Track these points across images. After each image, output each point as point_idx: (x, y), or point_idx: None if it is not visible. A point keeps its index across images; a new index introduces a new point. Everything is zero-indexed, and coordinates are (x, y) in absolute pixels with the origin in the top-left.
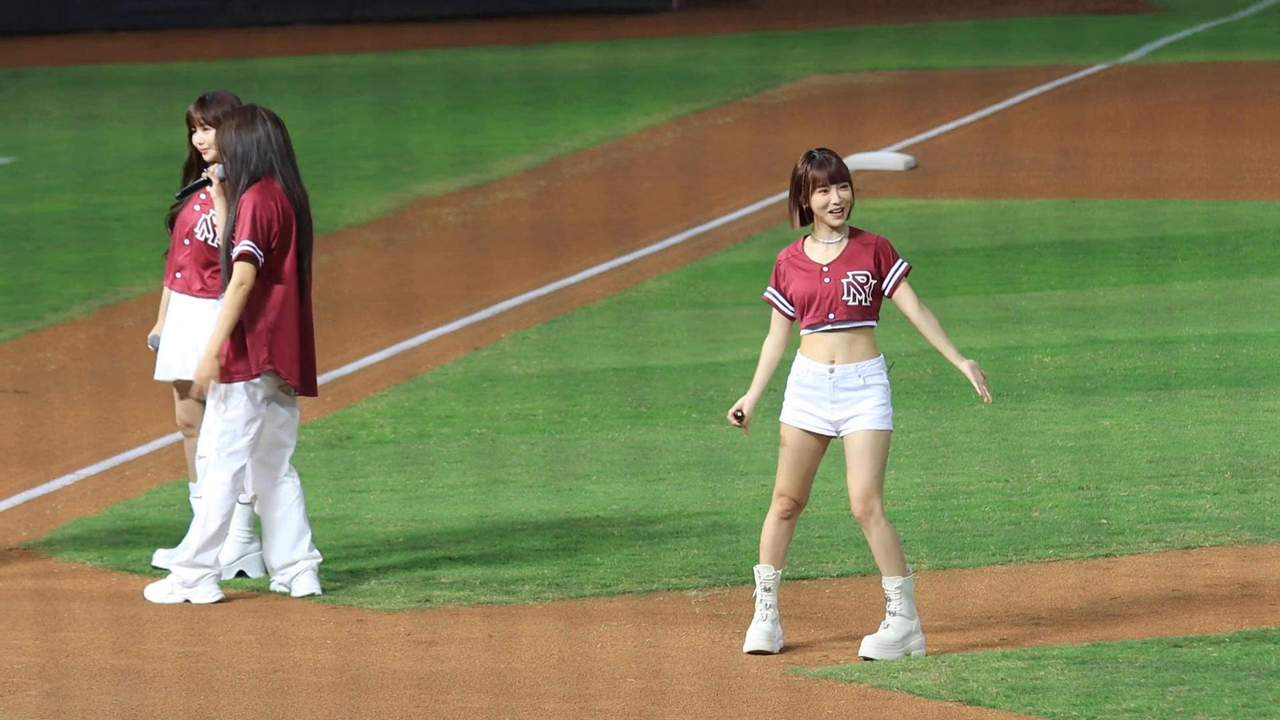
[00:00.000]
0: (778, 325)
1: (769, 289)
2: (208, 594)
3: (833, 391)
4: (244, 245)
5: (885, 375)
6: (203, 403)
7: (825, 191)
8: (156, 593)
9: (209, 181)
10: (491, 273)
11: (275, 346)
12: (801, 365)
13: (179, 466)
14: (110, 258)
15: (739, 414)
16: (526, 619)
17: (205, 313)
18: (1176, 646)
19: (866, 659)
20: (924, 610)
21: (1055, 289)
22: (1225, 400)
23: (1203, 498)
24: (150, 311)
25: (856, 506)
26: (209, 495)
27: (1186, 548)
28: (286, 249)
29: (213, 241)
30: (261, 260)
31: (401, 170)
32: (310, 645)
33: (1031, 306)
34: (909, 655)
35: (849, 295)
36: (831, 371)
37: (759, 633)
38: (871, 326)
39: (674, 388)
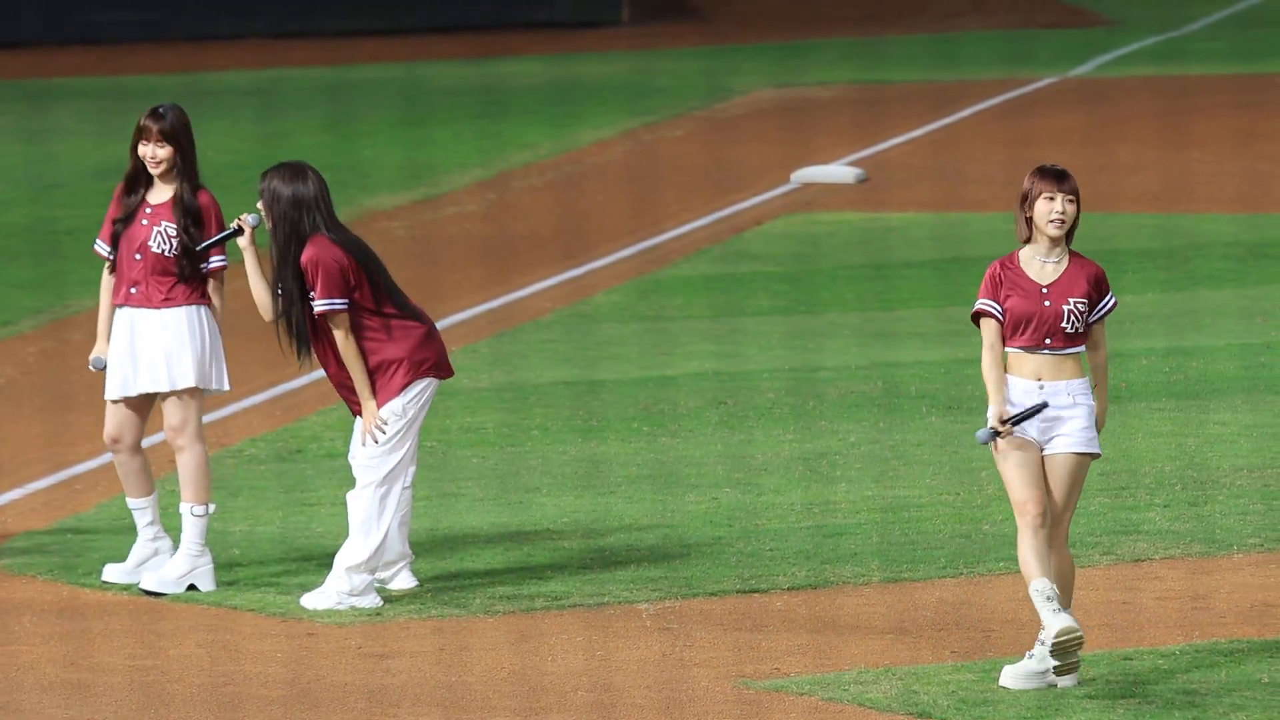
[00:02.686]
0: (997, 337)
1: (983, 301)
2: (371, 601)
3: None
4: (325, 304)
5: (1090, 396)
6: (141, 417)
7: (1050, 199)
8: (315, 601)
9: (239, 231)
10: (441, 286)
11: (417, 357)
12: (1014, 382)
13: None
14: (60, 271)
15: (1003, 421)
16: (477, 632)
17: (171, 323)
18: (1127, 659)
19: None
20: (874, 623)
21: None
22: (1175, 413)
23: (1153, 510)
24: None
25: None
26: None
27: (1137, 560)
28: (363, 288)
29: (169, 252)
30: (345, 307)
31: (352, 183)
32: (261, 659)
33: None
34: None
35: (1067, 323)
36: (1041, 388)
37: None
38: (1080, 350)
39: (624, 401)
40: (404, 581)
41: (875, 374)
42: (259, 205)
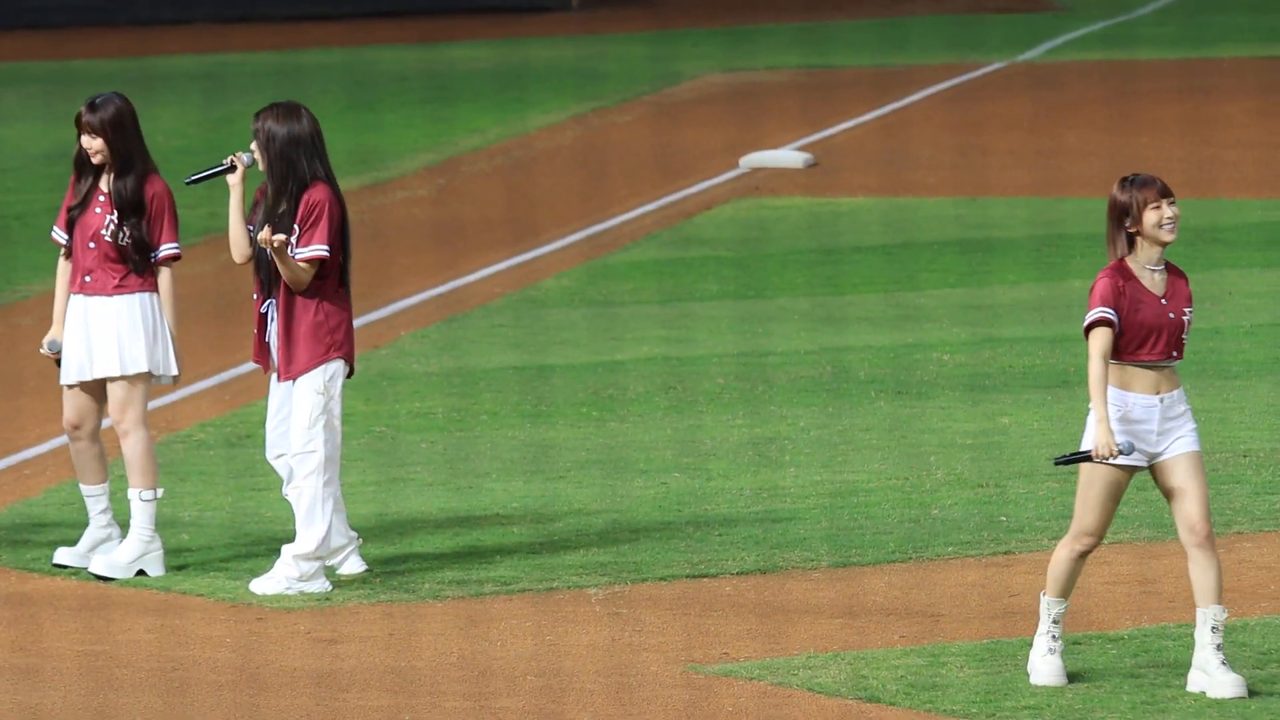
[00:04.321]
0: (1110, 347)
1: (1104, 310)
2: (320, 585)
3: (1161, 422)
4: (322, 250)
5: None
6: (99, 403)
7: (1158, 208)
8: (264, 586)
9: (232, 168)
10: (390, 271)
11: (340, 336)
12: (1125, 398)
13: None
14: (9, 256)
15: (1118, 452)
16: (426, 617)
17: (124, 310)
18: (1075, 644)
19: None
20: (823, 608)
21: (954, 287)
22: None
23: None
24: (50, 310)
25: (1199, 528)
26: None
27: None
28: (334, 250)
29: (122, 240)
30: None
31: None
32: (210, 644)
33: (930, 304)
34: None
35: (1186, 333)
36: (1161, 401)
37: (1052, 668)
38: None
39: (573, 386)
40: (353, 566)
41: (824, 359)
42: (252, 146)
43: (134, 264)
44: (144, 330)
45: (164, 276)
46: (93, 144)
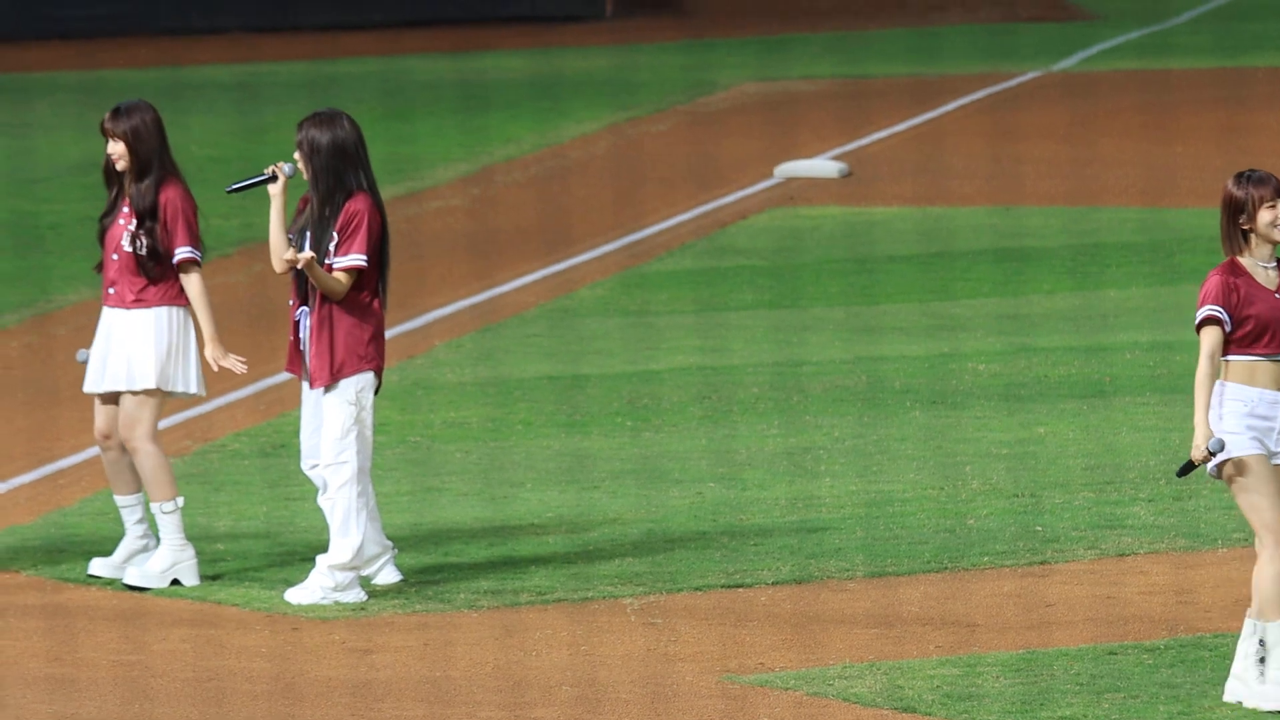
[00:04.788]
0: (1219, 346)
1: (1213, 308)
2: (355, 596)
3: None
4: (359, 259)
5: None
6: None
7: (1273, 207)
8: (300, 595)
9: (273, 178)
10: (425, 280)
11: (372, 349)
12: (1250, 394)
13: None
14: (43, 266)
15: (1208, 452)
16: (461, 627)
17: (139, 324)
18: (1112, 654)
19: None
20: (859, 618)
21: (989, 296)
22: (1160, 407)
23: (1137, 505)
24: (84, 319)
25: None
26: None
27: (1121, 555)
28: (379, 259)
29: (140, 250)
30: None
31: None
32: (245, 653)
33: (966, 314)
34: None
35: None
36: None
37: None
38: None
39: (608, 396)
40: (388, 576)
41: (859, 368)
42: (295, 156)
43: (151, 275)
44: (157, 346)
45: (190, 282)
46: (114, 149)
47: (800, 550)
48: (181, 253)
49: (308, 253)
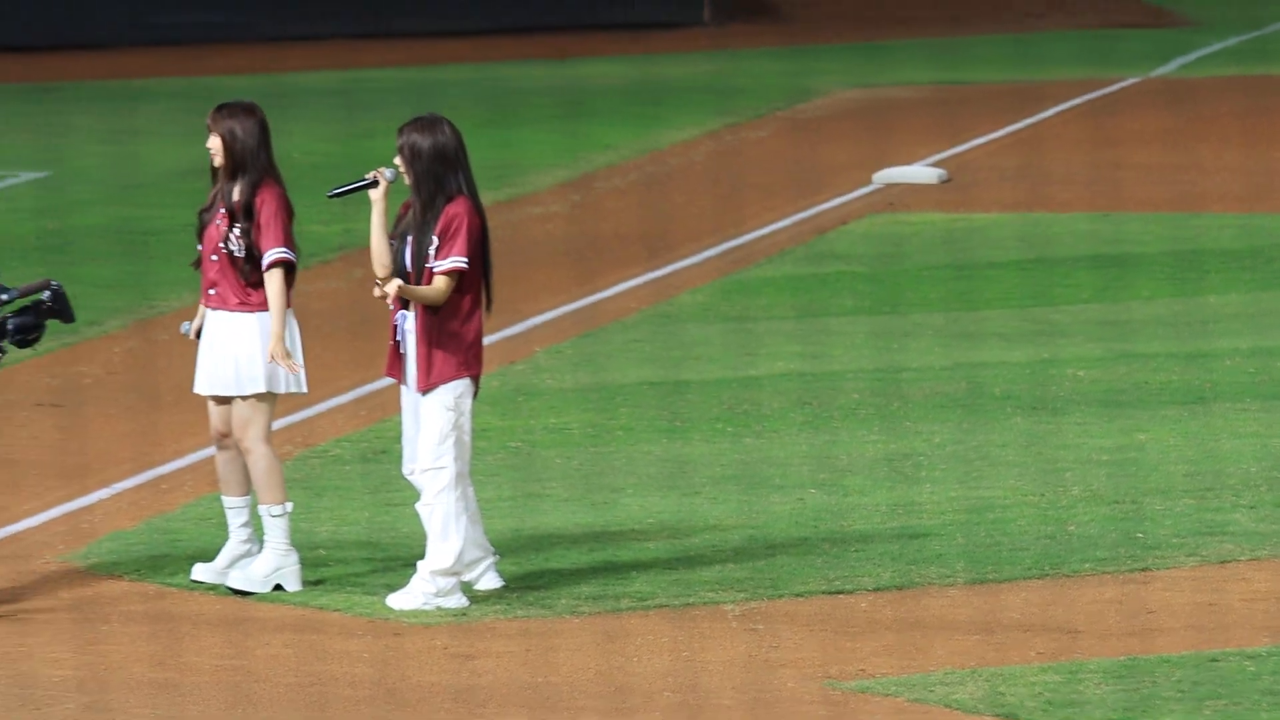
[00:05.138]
0: None
1: None
2: (457, 601)
3: None
4: (460, 262)
5: None
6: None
7: None
8: (401, 601)
9: (375, 183)
10: (525, 287)
11: (472, 353)
12: None
13: (215, 479)
14: (146, 271)
15: None
16: (563, 633)
17: (244, 328)
18: (1214, 660)
19: None
20: (960, 624)
21: (1089, 302)
22: (1260, 413)
23: (1239, 511)
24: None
25: None
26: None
27: (1223, 561)
28: (481, 263)
29: (236, 251)
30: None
31: None
32: (347, 659)
33: (1065, 320)
34: None
35: None
36: None
37: None
38: None
39: (709, 401)
40: (490, 582)
41: (959, 374)
42: (396, 160)
43: (247, 277)
44: (263, 350)
45: (271, 282)
46: (212, 144)
47: (901, 556)
48: (274, 254)
49: (394, 283)
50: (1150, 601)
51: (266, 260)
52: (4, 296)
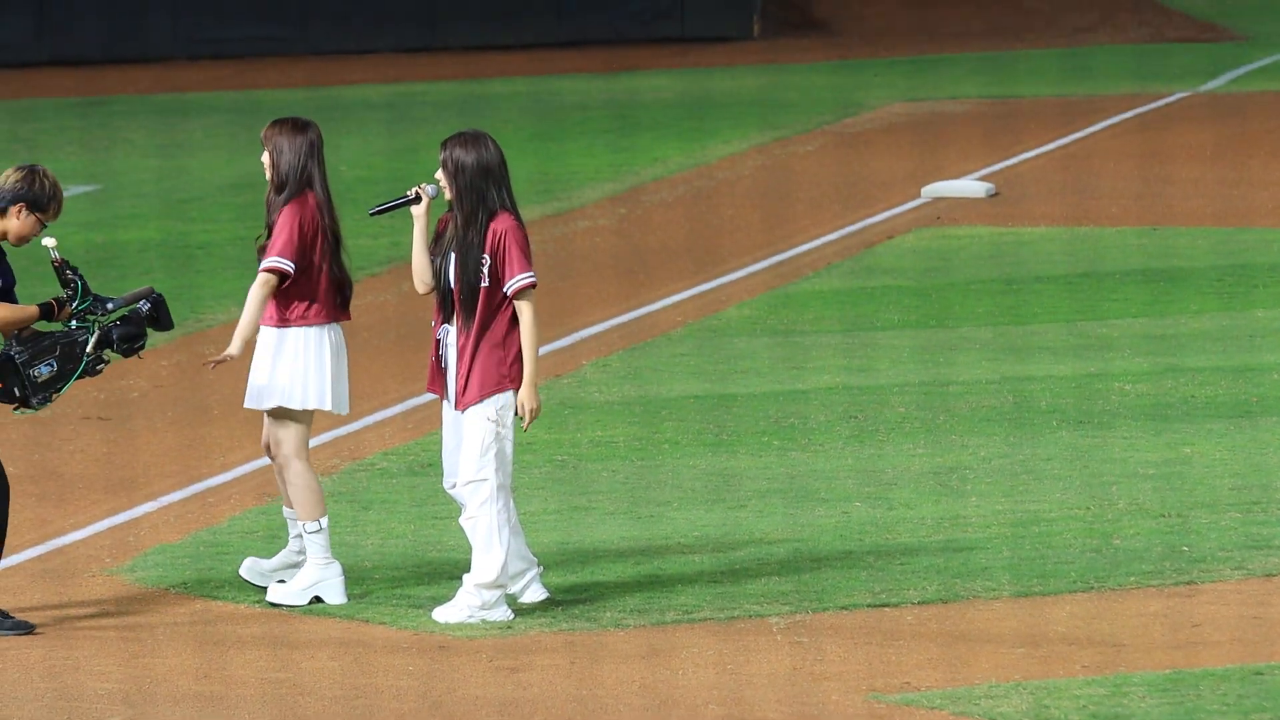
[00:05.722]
0: None
1: None
2: (503, 614)
3: None
4: (529, 278)
5: None
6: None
7: None
8: (447, 614)
9: (417, 199)
10: (573, 300)
11: (515, 368)
12: None
13: (262, 493)
14: (194, 285)
15: None
16: (608, 645)
17: (268, 343)
18: (1259, 674)
19: None
20: (1005, 637)
21: (1137, 316)
22: None
23: None
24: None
25: None
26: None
27: (1269, 575)
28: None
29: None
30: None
31: None
32: (393, 672)
33: (1113, 334)
34: None
35: None
36: None
37: None
38: None
39: (755, 415)
40: (535, 594)
41: (1006, 388)
42: (438, 176)
43: (277, 292)
44: (279, 365)
45: (253, 286)
46: (264, 159)
47: (946, 570)
48: (268, 262)
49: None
50: (1196, 615)
51: (263, 265)
52: (110, 305)
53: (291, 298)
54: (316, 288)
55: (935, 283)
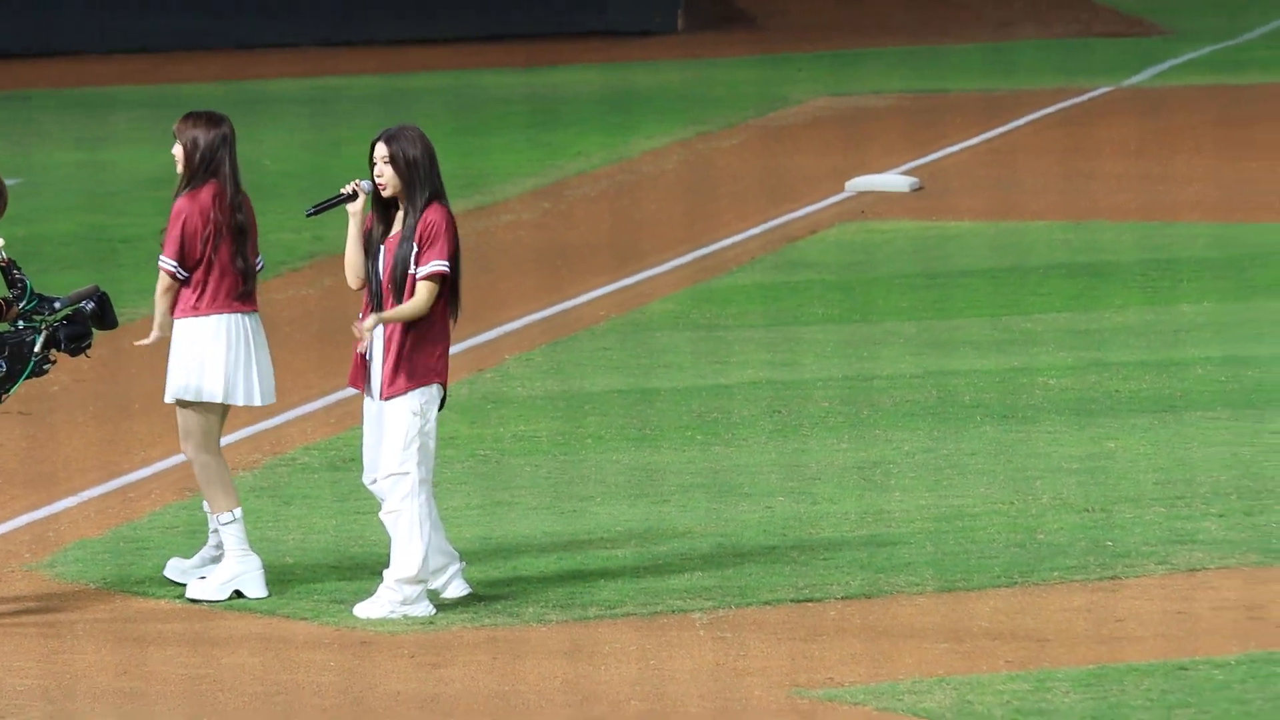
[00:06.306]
0: None
1: None
2: (424, 610)
3: None
4: (443, 265)
5: None
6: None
7: None
8: (368, 609)
9: (353, 196)
10: (495, 294)
11: (440, 361)
12: None
13: (182, 488)
14: (116, 279)
15: None
16: (531, 641)
17: (176, 334)
18: (1183, 669)
19: None
20: (929, 632)
21: (1061, 311)
22: (1231, 422)
23: (1209, 520)
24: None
25: None
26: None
27: (1192, 570)
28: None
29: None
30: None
31: None
32: (314, 668)
33: (1038, 329)
34: None
35: None
36: None
37: None
38: None
39: (678, 410)
40: (457, 589)
41: (930, 383)
42: (377, 174)
43: (178, 282)
44: (179, 358)
45: (158, 283)
46: (175, 152)
47: (870, 564)
48: (159, 262)
49: (371, 319)
50: (1119, 610)
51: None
52: (56, 305)
53: (185, 290)
54: (207, 279)
55: (859, 277)
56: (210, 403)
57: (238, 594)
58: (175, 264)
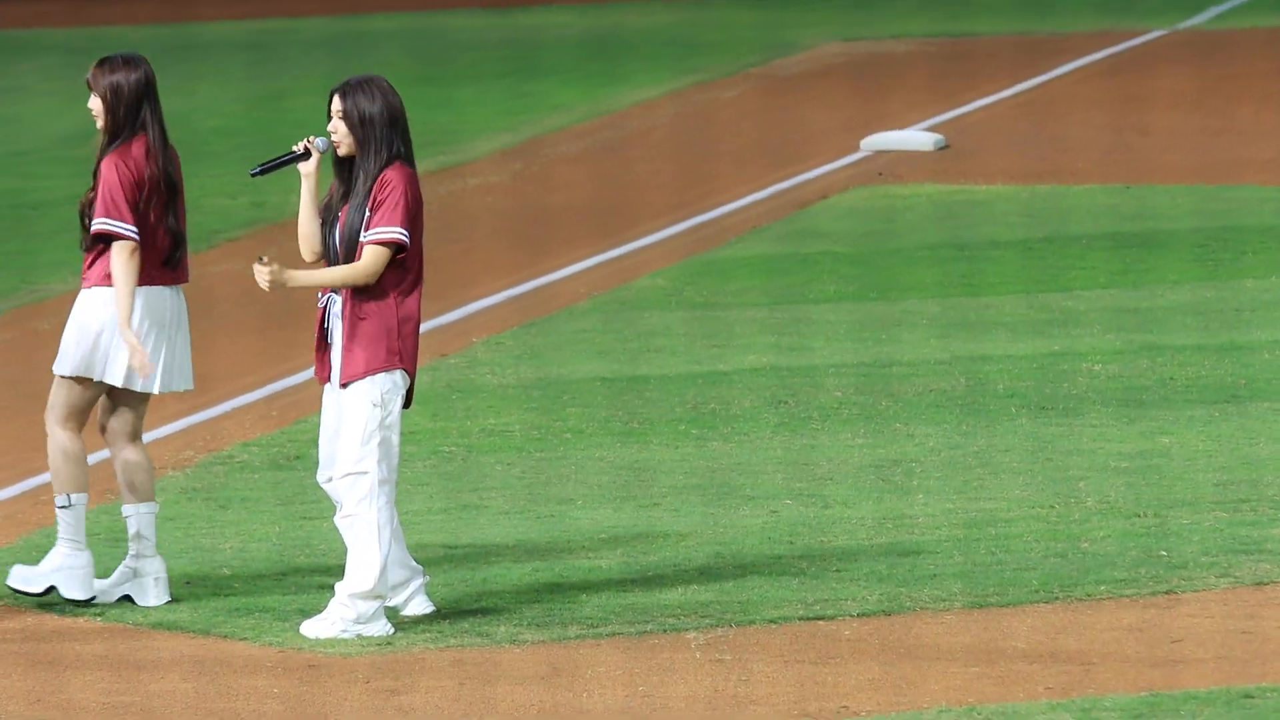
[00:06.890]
0: None
1: None
2: (381, 629)
3: None
4: (397, 233)
5: None
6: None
7: None
8: (317, 628)
9: (305, 155)
10: (462, 268)
11: (408, 344)
12: None
13: (103, 489)
14: (27, 250)
15: None
16: (503, 664)
17: (77, 303)
18: (1248, 696)
19: None
20: (957, 654)
21: (1107, 287)
22: None
23: (1277, 526)
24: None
25: None
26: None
27: (1259, 583)
28: (419, 238)
29: (86, 223)
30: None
31: None
32: (255, 695)
33: (1080, 307)
34: None
35: None
36: None
37: None
38: None
39: (670, 400)
40: (419, 606)
41: (957, 369)
42: (331, 129)
43: (84, 247)
44: (73, 328)
45: (113, 257)
46: (93, 105)
47: (890, 577)
48: (96, 224)
49: (273, 266)
50: (1175, 629)
51: (92, 230)
52: None
53: (94, 254)
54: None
55: (876, 248)
56: (69, 377)
57: (52, 590)
58: (134, 228)
